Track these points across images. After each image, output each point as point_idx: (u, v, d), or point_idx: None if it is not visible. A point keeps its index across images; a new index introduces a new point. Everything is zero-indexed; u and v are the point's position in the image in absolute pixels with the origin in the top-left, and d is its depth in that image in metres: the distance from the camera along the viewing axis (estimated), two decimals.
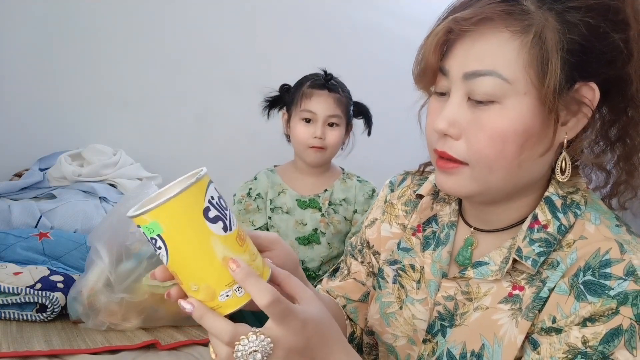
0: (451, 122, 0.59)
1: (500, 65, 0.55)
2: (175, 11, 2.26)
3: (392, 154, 2.12)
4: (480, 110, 0.58)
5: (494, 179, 0.59)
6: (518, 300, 0.60)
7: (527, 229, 0.62)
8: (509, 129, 0.56)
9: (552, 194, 0.62)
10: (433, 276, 0.69)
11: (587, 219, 0.60)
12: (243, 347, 0.49)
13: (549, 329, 0.56)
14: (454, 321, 0.66)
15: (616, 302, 0.53)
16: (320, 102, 1.46)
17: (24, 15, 1.98)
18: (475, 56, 0.57)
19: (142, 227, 0.47)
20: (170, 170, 2.16)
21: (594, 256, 0.56)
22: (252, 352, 0.49)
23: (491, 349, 0.60)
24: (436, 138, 0.62)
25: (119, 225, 1.33)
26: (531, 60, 0.54)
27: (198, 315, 0.51)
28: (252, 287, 0.50)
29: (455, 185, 0.62)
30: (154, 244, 0.47)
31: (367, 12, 2.66)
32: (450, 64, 0.60)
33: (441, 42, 0.59)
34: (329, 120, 1.46)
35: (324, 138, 1.45)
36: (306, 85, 1.48)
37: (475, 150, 0.58)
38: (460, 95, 0.59)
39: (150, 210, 0.45)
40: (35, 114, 2.00)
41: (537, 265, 0.59)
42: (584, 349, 0.53)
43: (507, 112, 0.56)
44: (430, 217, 0.75)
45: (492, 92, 0.56)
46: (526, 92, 0.56)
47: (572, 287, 0.56)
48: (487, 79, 0.56)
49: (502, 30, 0.56)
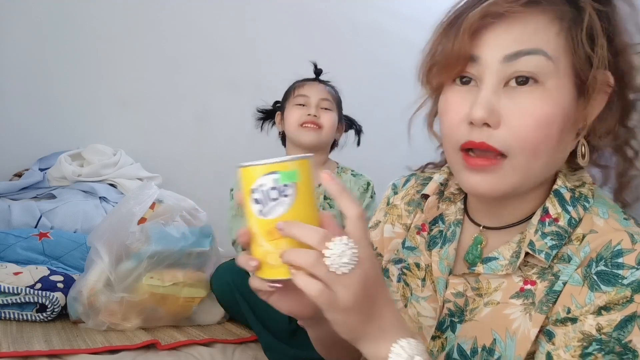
0: (490, 109, 0.56)
1: (544, 45, 0.56)
2: (174, 11, 2.26)
3: (392, 154, 2.13)
4: (520, 95, 0.56)
5: (537, 166, 0.58)
6: (530, 294, 0.60)
7: (538, 223, 0.61)
8: (554, 112, 0.56)
9: (560, 187, 0.62)
10: (441, 273, 0.69)
11: (595, 213, 0.60)
12: (335, 247, 0.48)
13: (564, 319, 0.56)
14: (463, 317, 0.65)
15: (630, 290, 0.53)
16: (312, 88, 1.51)
17: (24, 15, 1.98)
18: (516, 38, 0.56)
19: (280, 172, 0.52)
20: (170, 170, 2.16)
21: (606, 247, 0.56)
22: (340, 253, 0.48)
23: (503, 343, 0.60)
24: (466, 131, 0.59)
25: (119, 225, 1.34)
26: (578, 43, 0.56)
27: (286, 226, 0.50)
28: (344, 200, 0.51)
29: (494, 183, 0.59)
30: (282, 191, 0.52)
31: (367, 12, 2.67)
32: (483, 50, 0.58)
33: (475, 28, 0.57)
34: (322, 104, 1.49)
35: (319, 117, 1.47)
36: (297, 82, 1.56)
37: (521, 136, 0.56)
38: (496, 80, 0.57)
39: (296, 160, 0.52)
40: (35, 114, 2.01)
41: (550, 258, 0.59)
42: (599, 335, 0.53)
43: (551, 93, 0.56)
44: (436, 216, 0.75)
45: (538, 71, 0.56)
46: (565, 74, 0.56)
47: (586, 278, 0.56)
48: (532, 58, 0.55)
49: (544, 14, 0.57)
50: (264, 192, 0.52)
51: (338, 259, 0.47)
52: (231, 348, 1.24)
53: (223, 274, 1.37)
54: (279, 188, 0.52)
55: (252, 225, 0.54)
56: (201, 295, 1.36)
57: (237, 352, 1.23)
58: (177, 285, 1.31)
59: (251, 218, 0.54)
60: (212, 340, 1.24)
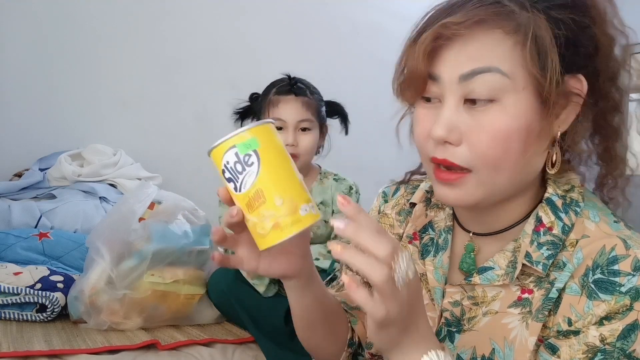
0: (450, 128, 0.58)
1: (498, 62, 0.56)
2: (174, 11, 2.26)
3: (391, 154, 2.13)
4: (479, 112, 0.57)
5: (501, 179, 0.59)
6: (528, 303, 0.60)
7: (533, 233, 0.62)
8: (512, 127, 0.56)
9: (552, 194, 0.63)
10: (437, 283, 0.69)
11: (586, 216, 0.61)
12: (403, 263, 0.46)
13: (566, 332, 0.57)
14: (461, 326, 0.65)
15: (629, 299, 0.53)
16: (288, 109, 1.39)
17: (24, 15, 1.98)
18: (470, 57, 0.57)
19: (237, 145, 0.53)
20: (170, 170, 2.16)
21: (600, 254, 0.57)
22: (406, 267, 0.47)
23: (502, 353, 0.60)
24: (432, 146, 0.60)
25: (120, 223, 1.34)
26: (529, 57, 0.55)
27: (352, 229, 0.47)
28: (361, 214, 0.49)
29: (460, 196, 0.60)
30: (245, 162, 0.53)
31: (367, 12, 2.67)
32: (441, 69, 0.59)
33: (429, 49, 0.58)
34: (300, 126, 1.39)
35: (297, 145, 1.38)
36: (272, 93, 1.41)
37: (480, 152, 0.57)
38: (456, 99, 0.58)
39: (251, 127, 0.53)
40: (35, 114, 2.01)
41: (547, 268, 0.60)
42: (603, 346, 0.54)
43: (508, 109, 0.56)
44: (426, 224, 0.75)
45: (493, 88, 0.56)
46: (524, 88, 0.56)
47: (584, 287, 0.57)
48: (487, 76, 0.56)
49: (495, 31, 0.57)
50: (231, 169, 0.53)
51: (404, 275, 0.47)
52: (231, 348, 1.23)
53: (218, 281, 1.36)
54: (241, 160, 0.53)
55: (237, 205, 0.55)
56: (200, 293, 1.36)
57: (237, 352, 1.23)
58: (178, 282, 1.31)
59: (233, 198, 0.55)
60: (212, 340, 1.24)
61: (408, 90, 0.63)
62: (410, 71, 0.60)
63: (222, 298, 1.35)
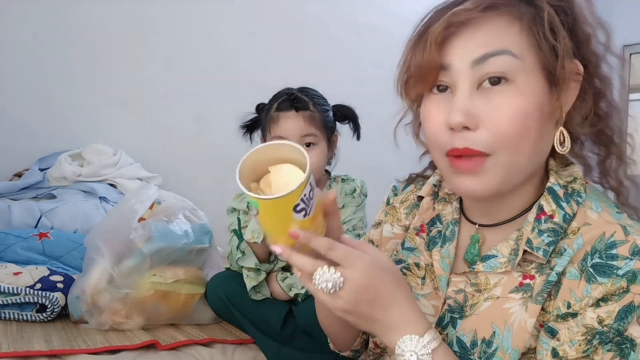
0: (467, 113, 0.58)
1: (508, 45, 0.59)
2: (174, 11, 2.26)
3: (394, 155, 2.13)
4: (493, 94, 0.59)
5: (522, 159, 0.60)
6: (529, 288, 0.62)
7: (535, 220, 0.63)
8: (528, 106, 0.58)
9: (553, 184, 0.64)
10: (443, 271, 0.71)
11: (589, 207, 0.62)
12: (319, 276, 0.58)
13: (565, 315, 0.58)
14: (463, 312, 0.67)
15: (626, 281, 0.55)
16: (289, 125, 1.31)
17: (24, 15, 1.98)
18: (480, 42, 0.59)
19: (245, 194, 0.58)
20: (170, 170, 2.16)
21: (600, 240, 0.58)
22: (325, 281, 0.57)
23: (501, 335, 0.62)
24: (449, 137, 0.60)
25: (121, 223, 1.34)
26: (537, 39, 0.58)
27: (287, 254, 0.60)
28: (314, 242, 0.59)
29: (481, 184, 0.61)
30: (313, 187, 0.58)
31: (367, 13, 2.67)
32: (451, 58, 0.60)
33: (440, 39, 0.60)
34: (303, 141, 1.31)
35: None
36: (273, 109, 1.35)
37: (501, 133, 0.58)
38: (469, 84, 0.60)
39: (252, 197, 0.56)
40: (35, 114, 2.01)
41: (548, 254, 0.61)
42: (601, 328, 0.55)
43: (521, 89, 0.58)
44: (434, 217, 0.77)
45: (507, 70, 0.58)
46: (534, 69, 0.59)
47: (582, 272, 0.58)
48: (499, 58, 0.58)
49: (503, 16, 0.59)
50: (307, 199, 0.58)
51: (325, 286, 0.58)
52: (231, 348, 1.24)
53: (216, 288, 1.36)
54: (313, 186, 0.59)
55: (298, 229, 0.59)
56: (200, 292, 1.37)
57: (237, 352, 1.23)
58: (179, 282, 1.31)
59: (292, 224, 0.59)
60: (212, 340, 1.24)
61: (417, 85, 0.64)
62: (419, 64, 0.62)
63: (221, 304, 1.35)
